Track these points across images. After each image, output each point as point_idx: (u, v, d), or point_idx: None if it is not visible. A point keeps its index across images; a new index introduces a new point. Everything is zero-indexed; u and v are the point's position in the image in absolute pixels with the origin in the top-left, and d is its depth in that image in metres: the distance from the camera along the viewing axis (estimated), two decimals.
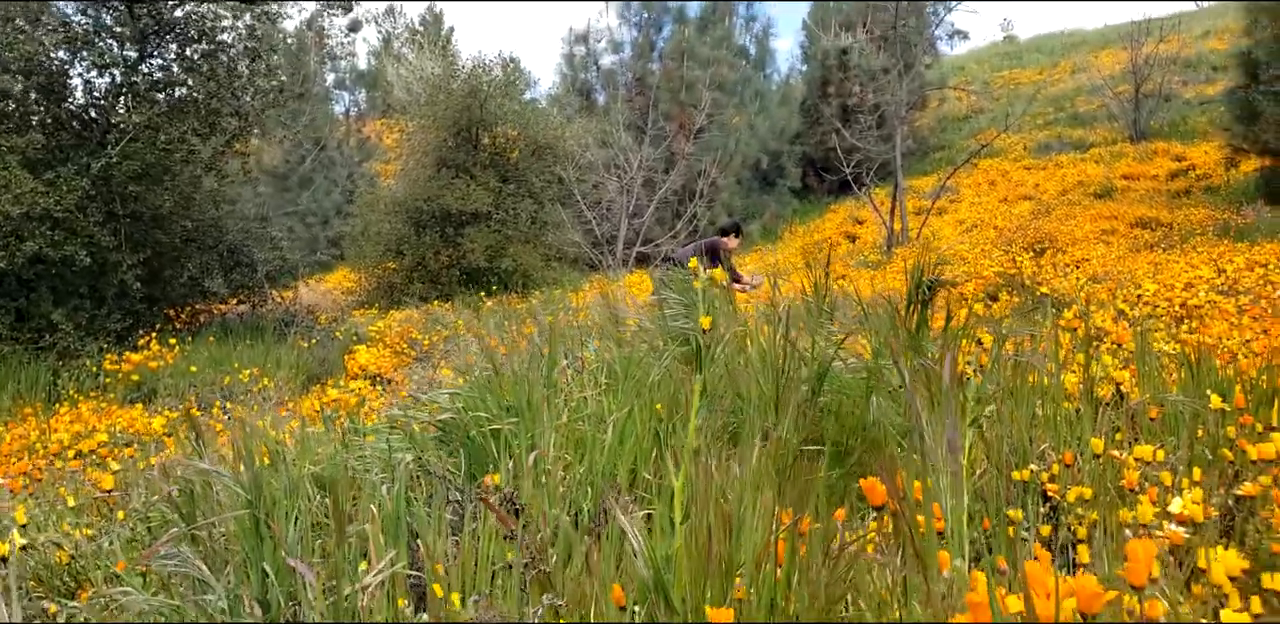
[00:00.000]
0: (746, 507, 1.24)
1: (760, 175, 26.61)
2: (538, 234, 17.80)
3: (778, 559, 1.26)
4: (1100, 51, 30.45)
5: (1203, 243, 12.42)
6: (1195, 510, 2.26)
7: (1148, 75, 22.75)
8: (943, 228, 20.12)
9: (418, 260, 17.12)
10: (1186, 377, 3.19)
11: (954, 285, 10.83)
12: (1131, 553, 1.12)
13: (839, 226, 23.98)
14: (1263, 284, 7.46)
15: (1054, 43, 36.66)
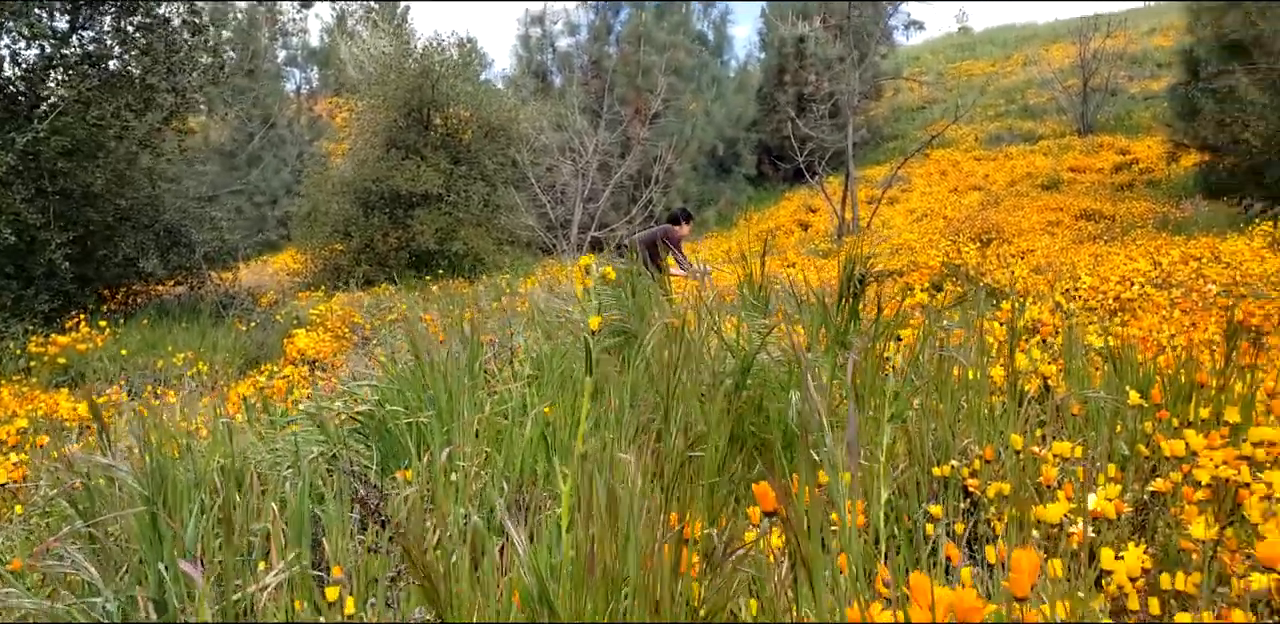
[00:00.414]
0: (633, 513, 1.20)
1: (716, 162, 26.63)
2: (490, 217, 17.62)
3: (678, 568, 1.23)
4: (1051, 45, 30.85)
5: (1142, 235, 12.66)
6: (1108, 507, 2.28)
7: (1095, 70, 23.11)
8: (894, 217, 20.30)
9: (366, 242, 16.87)
10: (1110, 371, 3.22)
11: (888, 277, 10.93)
12: (1015, 564, 1.11)
13: (793, 215, 24.11)
14: (1195, 277, 7.60)
15: (1007, 35, 37.06)
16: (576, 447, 1.36)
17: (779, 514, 1.25)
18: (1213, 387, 3.04)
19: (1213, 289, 7.13)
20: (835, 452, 1.50)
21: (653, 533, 1.18)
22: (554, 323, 3.06)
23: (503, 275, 11.43)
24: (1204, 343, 4.68)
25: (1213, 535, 2.14)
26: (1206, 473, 2.41)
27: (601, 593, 1.19)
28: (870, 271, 3.31)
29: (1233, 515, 2.41)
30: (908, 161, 20.53)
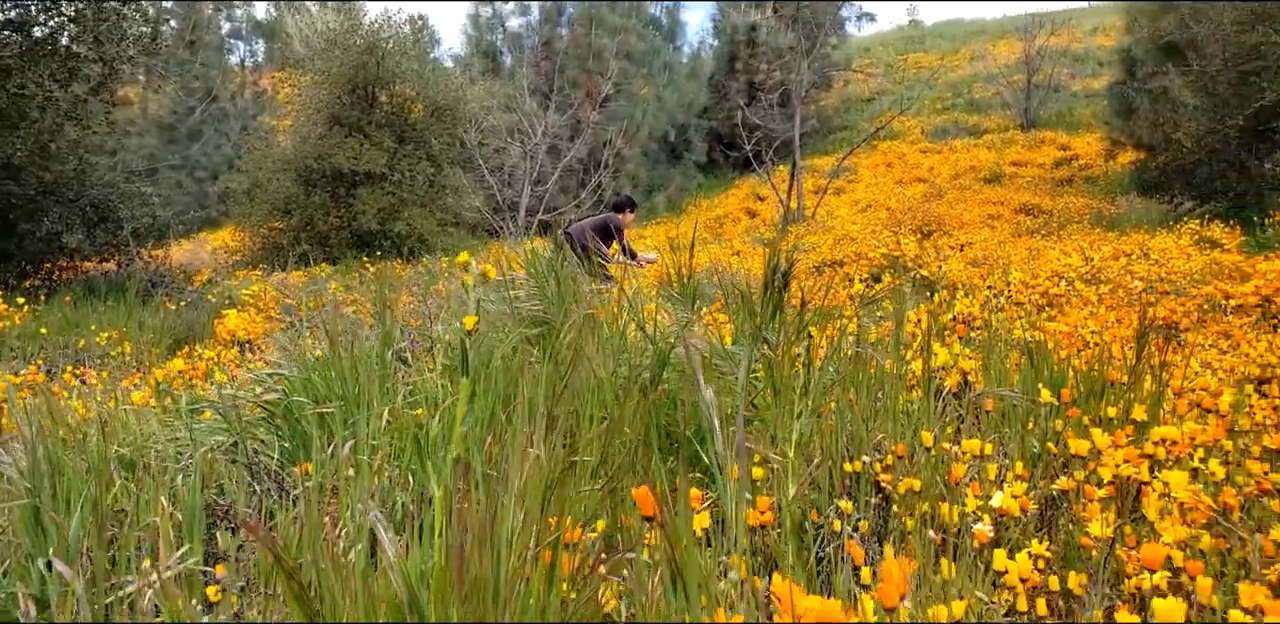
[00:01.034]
0: (506, 519, 1.17)
1: (667, 148, 26.59)
2: (435, 198, 17.39)
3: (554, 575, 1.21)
4: (999, 41, 31.27)
5: (1078, 231, 12.92)
6: (1013, 505, 2.30)
7: (1039, 66, 23.48)
8: (840, 207, 20.46)
9: (306, 221, 16.55)
10: (1028, 368, 3.26)
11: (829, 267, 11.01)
12: (885, 574, 1.10)
13: (741, 203, 24.19)
14: (1124, 274, 7.77)
15: (956, 30, 37.48)
16: (450, 449, 1.33)
17: (656, 519, 1.23)
18: (1123, 384, 3.09)
19: (1139, 286, 7.29)
20: (726, 454, 1.48)
21: (525, 540, 1.15)
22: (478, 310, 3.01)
23: (443, 258, 11.27)
24: (1125, 339, 4.77)
25: (1109, 533, 2.18)
26: (1109, 471, 2.45)
27: (474, 601, 1.17)
28: (794, 264, 3.29)
29: (1134, 513, 2.46)
30: (854, 152, 20.70)
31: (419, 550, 1.26)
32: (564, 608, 1.15)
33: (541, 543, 1.20)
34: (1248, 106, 10.74)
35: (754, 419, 2.74)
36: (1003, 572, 1.89)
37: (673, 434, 2.51)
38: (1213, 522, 2.35)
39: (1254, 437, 2.89)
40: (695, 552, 1.13)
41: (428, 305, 4.46)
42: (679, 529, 1.17)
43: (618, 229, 7.48)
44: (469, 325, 1.36)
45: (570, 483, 1.29)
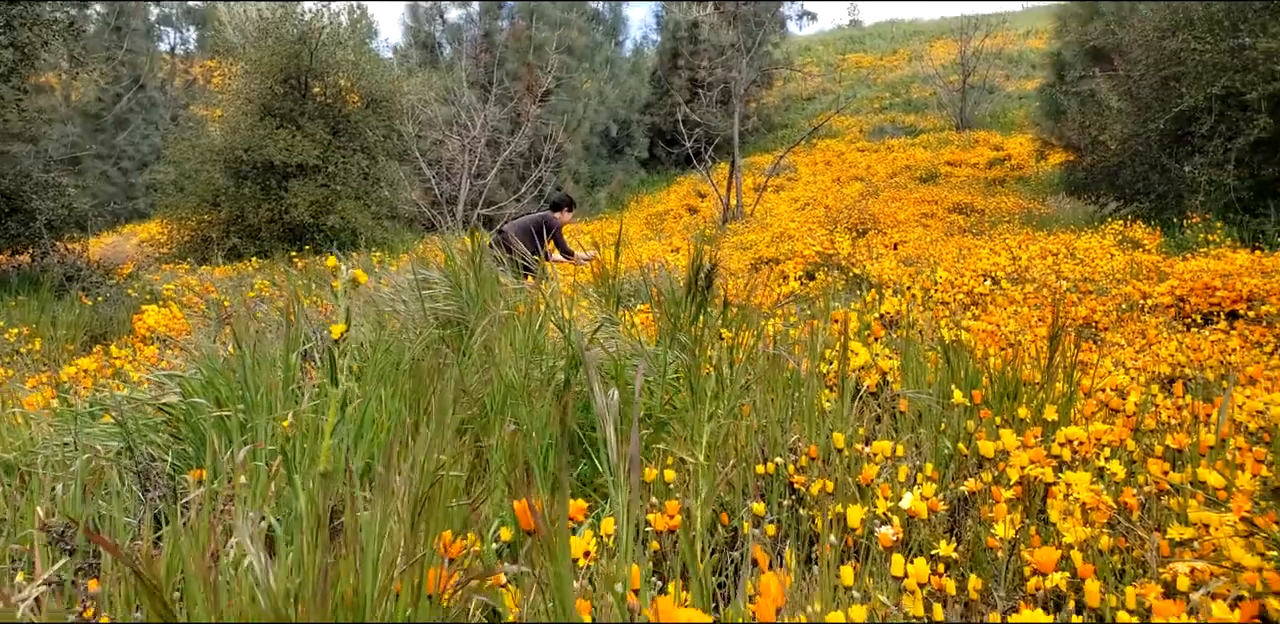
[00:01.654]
0: (375, 535, 1.13)
1: (609, 143, 26.52)
2: (370, 190, 17.10)
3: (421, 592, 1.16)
4: (936, 42, 31.77)
5: (1008, 230, 13.17)
6: (921, 507, 2.31)
7: (974, 68, 23.90)
8: (779, 205, 20.62)
9: (236, 213, 16.16)
10: (945, 368, 3.29)
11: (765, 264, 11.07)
12: (763, 588, 1.08)
13: (683, 199, 24.24)
14: (1049, 273, 7.93)
15: (895, 30, 38.00)
16: (319, 462, 1.28)
17: (536, 533, 1.19)
18: (1036, 384, 3.14)
19: (1063, 285, 7.45)
20: (619, 466, 1.45)
21: (393, 555, 1.11)
22: (386, 311, 2.94)
23: (375, 253, 11.09)
24: (1043, 338, 4.86)
25: (1011, 534, 2.20)
26: (1015, 472, 2.48)
27: (343, 619, 1.12)
28: (717, 264, 3.28)
29: (1042, 514, 2.49)
30: (793, 151, 20.85)
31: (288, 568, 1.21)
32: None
33: (408, 561, 1.15)
34: (1168, 110, 11.05)
35: (669, 421, 2.72)
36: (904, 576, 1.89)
37: (591, 437, 2.47)
38: (1114, 521, 2.39)
39: (1158, 436, 2.95)
40: (568, 566, 1.10)
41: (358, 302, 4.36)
42: (556, 544, 1.14)
43: (554, 228, 7.42)
44: (335, 334, 1.31)
45: (439, 498, 1.25)
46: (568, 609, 1.12)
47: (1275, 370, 4.21)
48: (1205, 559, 2.10)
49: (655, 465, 2.49)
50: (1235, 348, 4.88)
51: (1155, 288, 6.57)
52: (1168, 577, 2.04)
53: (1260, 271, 6.60)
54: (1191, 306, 6.16)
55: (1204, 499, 2.43)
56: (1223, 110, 10.43)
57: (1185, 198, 11.13)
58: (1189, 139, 11.30)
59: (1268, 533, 2.12)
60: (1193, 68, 10.55)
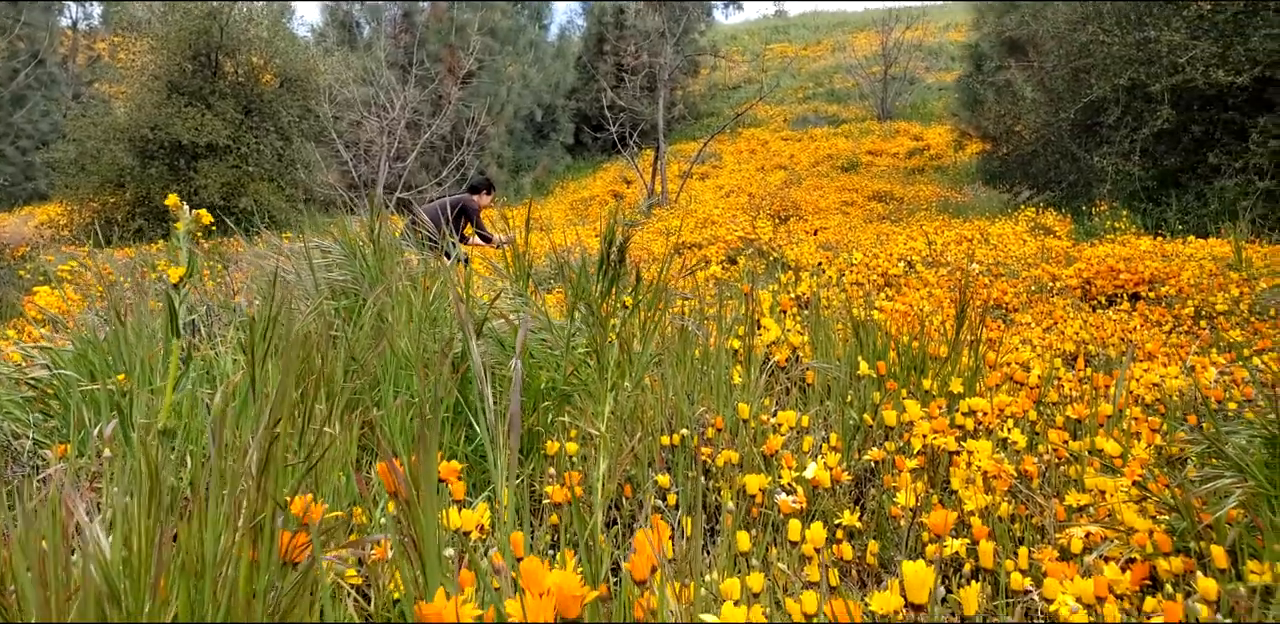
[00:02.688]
0: (220, 497, 1.03)
1: (534, 128, 26.23)
2: (284, 172, 16.60)
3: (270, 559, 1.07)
4: (859, 33, 32.18)
5: (925, 217, 13.41)
6: (824, 476, 2.29)
7: (895, 59, 24.26)
8: (704, 192, 20.67)
9: (142, 194, 15.55)
10: (855, 343, 3.28)
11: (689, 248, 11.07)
12: (638, 544, 1.02)
13: (609, 185, 24.14)
14: (963, 257, 8.07)
15: (819, 20, 38.39)
16: (159, 418, 1.18)
17: (399, 496, 1.11)
18: (942, 359, 3.16)
19: (976, 268, 7.59)
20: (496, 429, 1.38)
21: (233, 522, 1.02)
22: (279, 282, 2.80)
23: (285, 234, 10.75)
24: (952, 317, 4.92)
25: (913, 503, 2.19)
26: (919, 441, 2.48)
27: (184, 588, 1.02)
28: (629, 239, 3.21)
29: (945, 483, 2.50)
30: (718, 138, 20.90)
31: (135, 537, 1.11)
32: (273, 590, 1.03)
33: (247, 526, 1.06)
34: (1078, 101, 11.35)
35: (574, 394, 2.66)
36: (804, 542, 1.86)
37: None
38: (1015, 489, 2.40)
39: (1060, 408, 2.99)
40: (434, 528, 1.02)
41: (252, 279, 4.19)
42: (422, 506, 1.06)
43: (472, 211, 7.29)
44: (174, 278, 1.20)
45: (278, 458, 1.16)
46: (431, 573, 1.04)
47: (1172, 347, 4.32)
48: (1100, 524, 2.12)
49: (559, 438, 2.42)
50: (1136, 327, 5.01)
51: (1063, 271, 6.73)
52: (1064, 541, 2.05)
53: (1161, 256, 6.80)
54: (1097, 289, 6.32)
55: (1100, 467, 2.47)
56: (1129, 101, 10.75)
57: (1094, 186, 11.46)
58: (1098, 129, 11.63)
59: (1159, 497, 2.15)
60: (1101, 60, 10.85)
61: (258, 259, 3.10)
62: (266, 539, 1.07)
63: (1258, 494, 1.91)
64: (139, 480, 1.01)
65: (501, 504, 1.31)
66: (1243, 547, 1.88)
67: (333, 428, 2.24)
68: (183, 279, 1.22)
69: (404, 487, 1.08)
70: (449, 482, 1.40)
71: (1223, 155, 10.01)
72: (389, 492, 1.12)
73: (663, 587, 1.04)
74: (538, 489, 2.38)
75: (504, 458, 1.31)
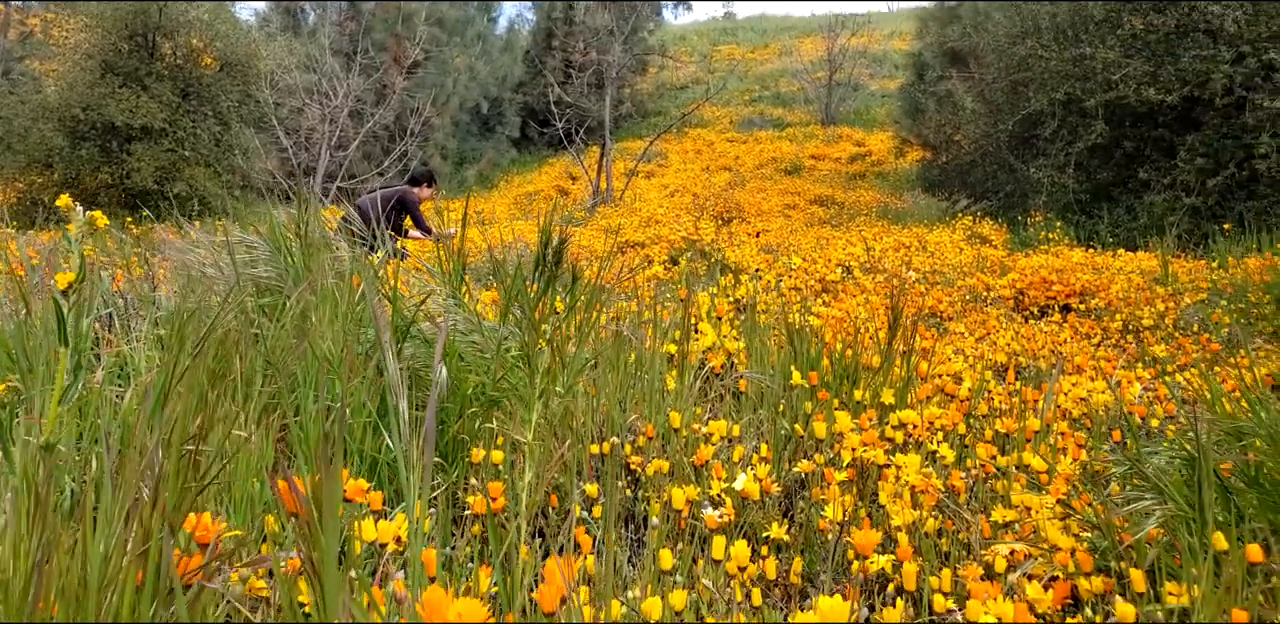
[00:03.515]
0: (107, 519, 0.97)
1: (480, 120, 25.96)
2: (221, 158, 16.17)
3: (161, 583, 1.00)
4: (805, 38, 32.46)
5: (865, 223, 13.56)
6: (753, 488, 2.26)
7: (840, 65, 24.51)
8: (650, 191, 20.66)
9: (71, 176, 15.03)
10: (789, 351, 3.27)
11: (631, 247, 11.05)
12: (548, 573, 0.98)
13: (554, 181, 24.00)
14: (900, 264, 8.16)
15: (767, 24, 38.65)
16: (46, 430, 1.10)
17: (299, 516, 1.05)
18: (874, 369, 3.16)
19: (912, 276, 7.68)
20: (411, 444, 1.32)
21: (120, 543, 0.95)
22: (195, 276, 2.70)
23: (218, 221, 10.47)
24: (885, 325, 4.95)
25: (841, 516, 2.18)
26: (849, 454, 2.47)
27: (62, 617, 0.95)
28: (567, 239, 3.16)
29: (874, 496, 2.49)
30: (663, 137, 20.91)
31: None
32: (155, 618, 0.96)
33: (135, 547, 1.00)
34: (1017, 113, 11.57)
35: (502, 400, 2.60)
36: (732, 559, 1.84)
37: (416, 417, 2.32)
38: (942, 504, 2.41)
39: (989, 421, 3.02)
40: (333, 553, 0.97)
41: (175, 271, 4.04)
42: (320, 526, 1.00)
43: (411, 203, 7.13)
44: (62, 284, 1.13)
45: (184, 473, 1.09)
46: (330, 605, 0.99)
47: (1100, 360, 4.40)
48: (1025, 541, 2.13)
49: (485, 446, 2.36)
50: (1066, 339, 5.10)
51: (998, 281, 6.84)
52: (989, 559, 2.06)
53: (1092, 268, 6.95)
54: (1030, 299, 6.44)
55: (1027, 482, 2.49)
56: (1065, 116, 10.99)
57: (1030, 197, 11.69)
58: (1035, 142, 11.87)
59: (1082, 515, 2.17)
60: (1039, 73, 11.07)
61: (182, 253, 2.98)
62: (153, 561, 1.00)
63: (1177, 516, 1.94)
64: (20, 498, 0.94)
65: (414, 524, 1.26)
66: (1162, 567, 1.90)
67: (248, 432, 2.15)
68: (72, 285, 1.14)
69: (304, 508, 1.02)
70: (355, 501, 1.34)
71: (1152, 171, 10.29)
72: (289, 512, 1.06)
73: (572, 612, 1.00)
74: (461, 498, 2.32)
75: (416, 475, 1.26)
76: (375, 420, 2.30)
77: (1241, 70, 9.36)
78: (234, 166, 16.52)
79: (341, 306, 2.44)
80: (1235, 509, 2.12)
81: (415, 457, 1.30)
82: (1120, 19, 10.39)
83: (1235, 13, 9.30)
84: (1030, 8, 11.29)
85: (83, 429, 2.10)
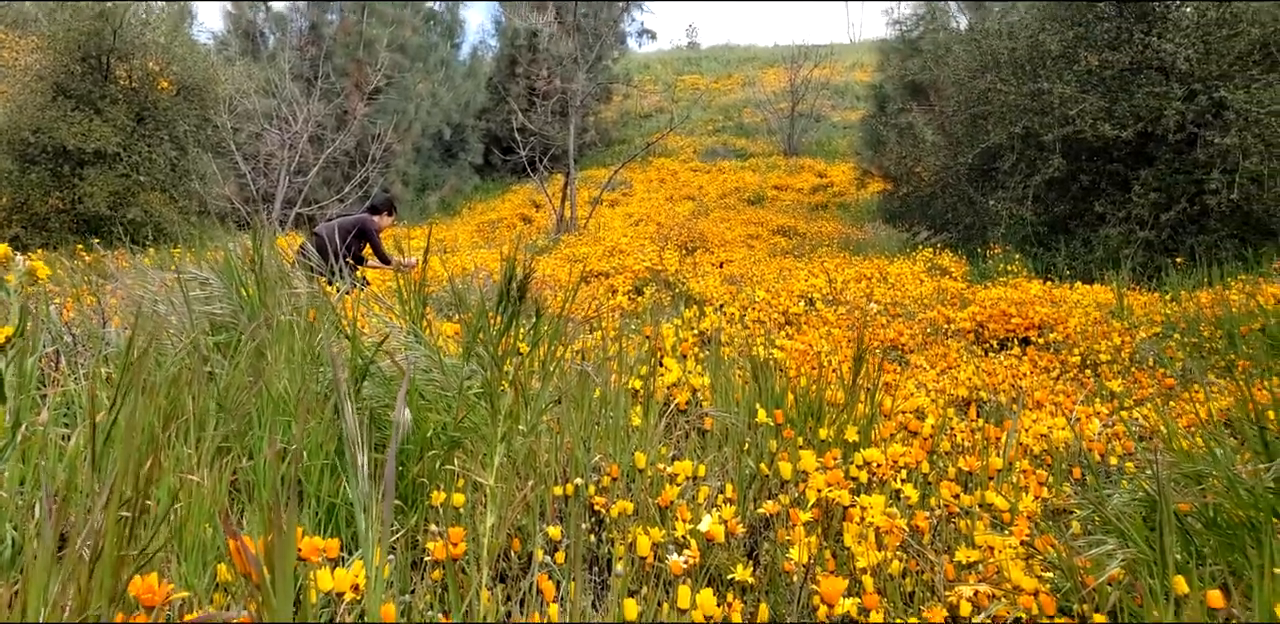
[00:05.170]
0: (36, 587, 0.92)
1: (442, 147, 25.93)
2: (178, 183, 15.94)
3: None
4: (768, 69, 32.91)
5: (827, 254, 13.68)
6: (718, 530, 2.24)
7: (803, 96, 24.86)
8: (614, 219, 20.72)
9: (20, 200, 14.71)
10: (754, 388, 3.26)
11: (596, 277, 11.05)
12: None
13: (517, 208, 23.98)
14: (861, 296, 8.22)
15: (730, 55, 39.14)
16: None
17: (252, 579, 1.00)
18: (839, 406, 3.16)
19: (874, 307, 7.73)
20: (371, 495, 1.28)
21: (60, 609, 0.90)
22: (146, 312, 2.63)
23: (174, 249, 10.30)
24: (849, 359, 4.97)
25: (805, 558, 2.16)
26: (814, 494, 2.45)
27: None
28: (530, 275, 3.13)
29: (839, 536, 2.47)
30: (627, 166, 21.02)
31: None
32: None
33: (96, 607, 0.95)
34: (976, 146, 11.79)
35: (464, 440, 2.55)
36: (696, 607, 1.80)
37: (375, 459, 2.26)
38: (906, 544, 2.40)
39: (952, 459, 3.02)
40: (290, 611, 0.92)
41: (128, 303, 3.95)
42: (273, 589, 0.96)
43: (371, 232, 7.02)
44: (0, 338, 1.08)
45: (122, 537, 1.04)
46: None
47: (1059, 395, 4.45)
48: (988, 582, 2.12)
49: (445, 489, 2.31)
50: (1026, 372, 5.15)
51: (958, 313, 6.91)
52: (954, 600, 2.05)
53: (1050, 301, 7.05)
54: (990, 332, 6.51)
55: (990, 521, 2.49)
56: (1023, 149, 11.21)
57: (989, 229, 11.88)
58: (994, 174, 12.09)
59: (1044, 555, 2.17)
60: (998, 107, 11.30)
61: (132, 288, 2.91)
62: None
63: (1139, 559, 1.94)
64: None
65: (372, 572, 1.21)
66: (1123, 609, 1.90)
67: (200, 475, 2.09)
68: (10, 339, 1.09)
69: (255, 570, 0.98)
70: (310, 561, 1.29)
71: (1108, 204, 10.51)
72: (240, 573, 1.01)
73: None
74: (421, 541, 2.27)
75: (374, 522, 1.21)
76: (333, 462, 2.25)
77: (1193, 107, 9.62)
78: (191, 192, 16.30)
79: (298, 344, 2.38)
80: (1195, 551, 2.14)
81: (374, 501, 1.25)
82: (1077, 55, 10.66)
83: (1187, 51, 9.57)
84: (990, 43, 11.55)
85: (24, 474, 2.02)
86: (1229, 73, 9.64)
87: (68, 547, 1.07)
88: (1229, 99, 9.32)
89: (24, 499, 1.95)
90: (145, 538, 1.20)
